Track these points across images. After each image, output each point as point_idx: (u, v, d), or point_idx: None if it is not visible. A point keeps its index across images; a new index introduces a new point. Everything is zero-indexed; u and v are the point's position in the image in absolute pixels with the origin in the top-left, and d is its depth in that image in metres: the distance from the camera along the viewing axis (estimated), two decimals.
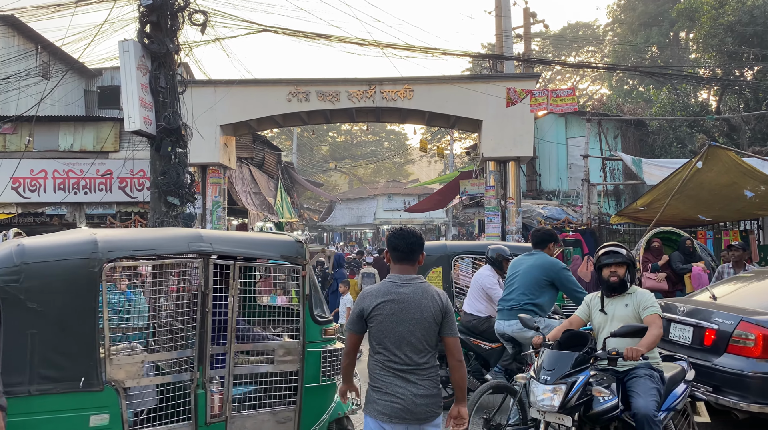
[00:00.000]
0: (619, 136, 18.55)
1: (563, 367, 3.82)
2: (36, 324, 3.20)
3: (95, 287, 3.37)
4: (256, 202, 18.90)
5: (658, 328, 3.94)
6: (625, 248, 4.29)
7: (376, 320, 3.11)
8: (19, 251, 3.25)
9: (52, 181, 14.67)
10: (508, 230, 14.51)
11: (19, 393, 3.10)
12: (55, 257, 3.33)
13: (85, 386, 3.30)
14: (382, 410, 3.07)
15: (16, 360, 3.15)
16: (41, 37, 17.96)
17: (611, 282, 4.16)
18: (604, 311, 4.22)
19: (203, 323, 3.70)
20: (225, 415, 3.76)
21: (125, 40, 10.14)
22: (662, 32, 28.21)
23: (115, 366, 3.42)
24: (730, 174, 9.71)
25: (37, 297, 3.20)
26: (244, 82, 14.71)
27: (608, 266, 4.19)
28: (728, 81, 18.50)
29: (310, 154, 44.63)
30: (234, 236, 4.27)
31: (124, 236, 3.73)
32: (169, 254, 3.74)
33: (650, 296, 4.13)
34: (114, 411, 3.36)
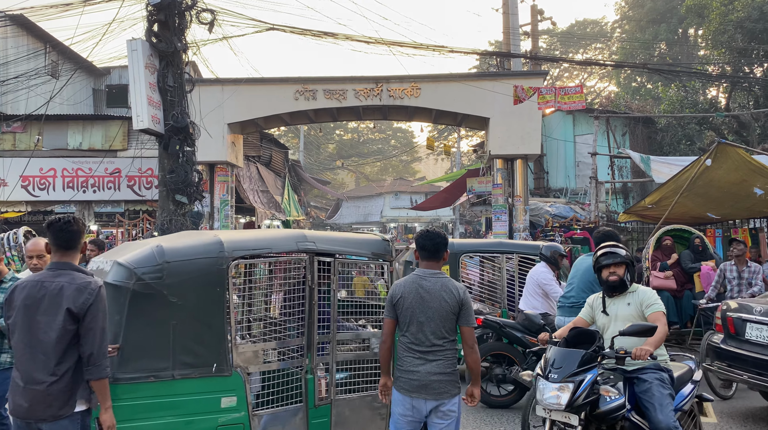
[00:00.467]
0: (627, 134, 18.46)
1: (570, 365, 3.78)
2: (176, 316, 3.57)
3: (223, 283, 3.72)
4: (263, 200, 18.96)
5: (663, 325, 3.92)
6: (624, 247, 4.27)
7: (401, 307, 3.63)
8: (160, 251, 3.60)
9: (61, 179, 14.77)
10: (515, 228, 14.48)
11: (164, 377, 3.50)
12: (190, 256, 3.69)
13: (216, 372, 3.66)
14: (403, 385, 3.59)
15: (161, 348, 3.52)
16: (50, 37, 18.07)
17: (611, 282, 4.14)
18: (606, 312, 4.20)
19: (311, 314, 4.09)
20: (330, 398, 4.12)
21: (133, 39, 10.18)
22: (671, 29, 28.01)
23: (240, 354, 3.80)
24: (740, 172, 9.64)
25: (176, 292, 3.56)
26: (251, 81, 14.74)
27: (607, 267, 4.18)
28: (737, 78, 18.36)
29: (317, 152, 44.69)
30: (333, 236, 4.67)
31: (243, 237, 4.13)
32: (282, 252, 4.14)
33: (652, 293, 4.10)
34: (240, 394, 3.72)
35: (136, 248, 3.82)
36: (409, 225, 43.32)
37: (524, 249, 8.12)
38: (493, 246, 8.54)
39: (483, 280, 8.11)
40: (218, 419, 3.66)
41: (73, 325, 3.05)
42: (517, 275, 7.91)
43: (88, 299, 3.08)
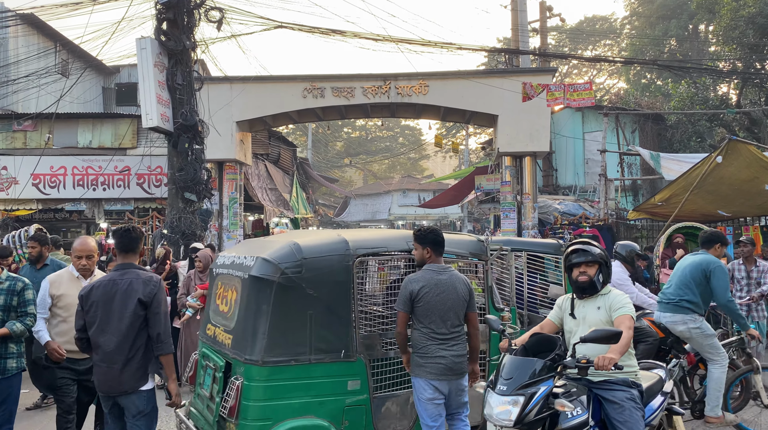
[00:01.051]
0: (636, 131, 18.35)
1: (523, 376, 3.34)
2: (313, 306, 3.98)
3: (349, 277, 4.13)
4: (271, 197, 19.01)
5: (628, 330, 3.52)
6: (597, 245, 3.87)
7: (423, 301, 3.99)
8: (297, 249, 4.03)
9: (71, 177, 14.87)
10: (524, 226, 14.44)
11: (303, 361, 3.92)
12: (322, 253, 4.10)
13: (344, 357, 4.05)
14: (431, 370, 3.97)
15: (301, 335, 3.94)
16: (60, 35, 18.19)
17: (580, 283, 3.76)
18: (574, 315, 3.83)
19: None
20: None
21: (142, 38, 10.24)
22: (681, 25, 27.79)
23: (364, 342, 4.18)
24: (751, 169, 9.56)
25: (312, 285, 3.98)
26: (259, 79, 14.77)
27: (578, 266, 3.79)
28: (749, 74, 18.18)
29: (325, 150, 44.73)
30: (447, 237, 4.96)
31: (365, 237, 4.52)
32: (395, 250, 4.51)
33: (623, 296, 3.74)
34: (363, 378, 4.12)
35: (267, 245, 4.31)
36: (417, 223, 43.27)
37: (534, 247, 8.08)
38: (501, 244, 8.49)
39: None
40: (345, 400, 4.03)
41: (142, 311, 3.74)
42: (526, 273, 7.87)
43: (153, 289, 3.79)
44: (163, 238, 10.67)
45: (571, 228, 13.77)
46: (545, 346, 3.57)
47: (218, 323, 4.39)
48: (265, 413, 3.76)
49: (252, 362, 3.82)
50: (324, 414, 3.92)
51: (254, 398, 3.77)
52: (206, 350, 4.50)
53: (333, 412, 3.96)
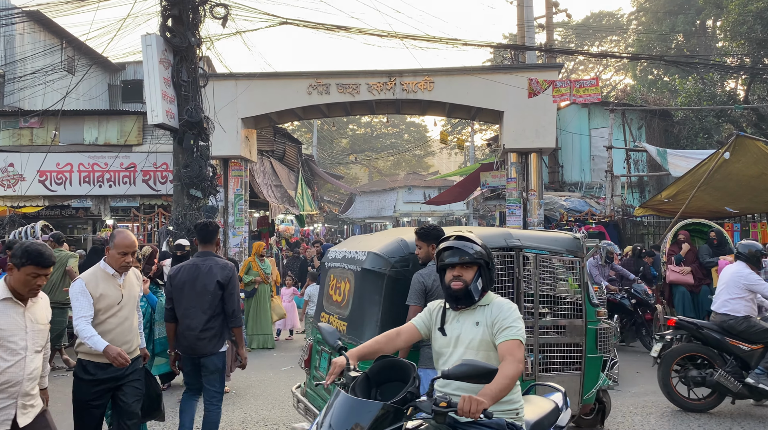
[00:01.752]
0: (643, 127, 18.25)
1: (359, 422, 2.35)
2: None
3: None
4: (277, 194, 19.02)
5: (515, 364, 2.59)
6: (477, 240, 2.96)
7: (436, 295, 3.95)
8: (405, 244, 4.35)
9: (77, 174, 14.92)
10: (529, 223, 14.39)
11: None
12: None
13: None
14: None
15: None
16: (66, 32, 18.23)
17: (453, 290, 2.84)
18: (444, 331, 2.90)
19: (518, 302, 4.62)
20: (534, 375, 4.67)
21: (148, 34, 10.23)
22: (688, 20, 27.59)
23: None
24: (759, 165, 9.50)
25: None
26: (264, 76, 14.76)
27: (451, 268, 2.89)
28: (757, 69, 18.05)
29: (330, 146, 44.73)
30: (533, 234, 5.18)
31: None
32: (493, 247, 4.55)
33: (511, 309, 2.83)
34: None
35: (376, 241, 4.71)
36: (422, 220, 43.23)
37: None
38: None
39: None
40: None
41: (220, 291, 4.57)
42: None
43: (229, 273, 4.62)
44: (168, 234, 10.68)
45: (577, 225, 13.72)
46: (396, 373, 2.57)
47: (332, 312, 4.84)
48: None
49: None
50: None
51: None
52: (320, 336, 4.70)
53: None
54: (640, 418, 6.10)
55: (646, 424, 5.92)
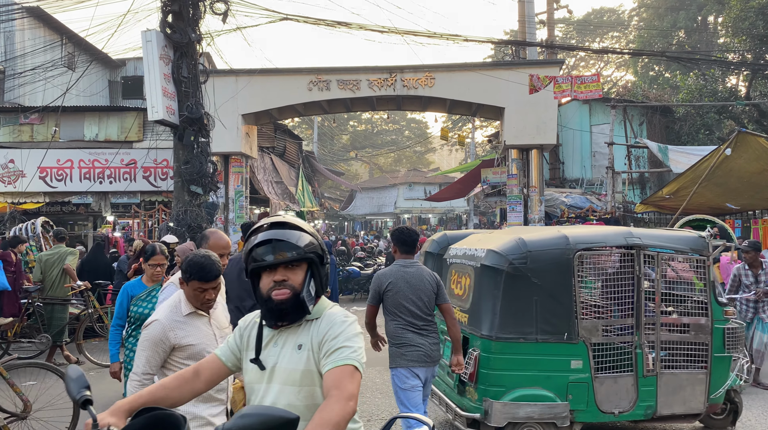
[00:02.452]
0: (644, 123, 18.21)
1: None
2: (537, 293, 4.55)
3: (570, 269, 4.62)
4: (277, 191, 19.01)
5: (341, 403, 1.75)
6: (304, 225, 2.03)
7: (391, 292, 4.28)
8: (522, 243, 4.62)
9: (78, 170, 14.91)
10: (530, 219, 14.38)
11: (530, 339, 4.52)
12: (545, 247, 4.66)
13: (567, 339, 4.57)
14: (411, 358, 4.21)
15: (527, 317, 4.54)
16: (66, 28, 18.19)
17: (277, 301, 1.94)
18: (259, 362, 1.99)
19: (638, 299, 4.79)
20: (656, 371, 4.79)
21: (148, 30, 10.19)
22: (690, 16, 27.52)
23: (584, 327, 4.64)
24: (761, 161, 9.49)
25: (536, 274, 4.55)
26: (265, 72, 14.73)
27: (269, 271, 1.97)
28: (758, 66, 17.99)
29: (330, 143, 44.68)
30: (654, 233, 5.23)
31: (584, 232, 5.00)
32: (613, 245, 4.87)
33: (347, 322, 1.97)
34: (585, 359, 4.60)
35: (494, 239, 4.98)
36: (423, 216, 43.21)
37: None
38: None
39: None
40: (569, 377, 4.55)
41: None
42: None
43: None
44: (169, 231, 10.68)
45: (578, 221, 13.70)
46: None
47: (454, 304, 5.05)
48: (499, 381, 4.47)
49: (487, 337, 4.55)
50: (550, 387, 4.51)
51: (490, 367, 4.51)
52: (443, 326, 5.09)
53: (558, 386, 4.53)
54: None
55: None
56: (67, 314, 8.19)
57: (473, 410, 4.52)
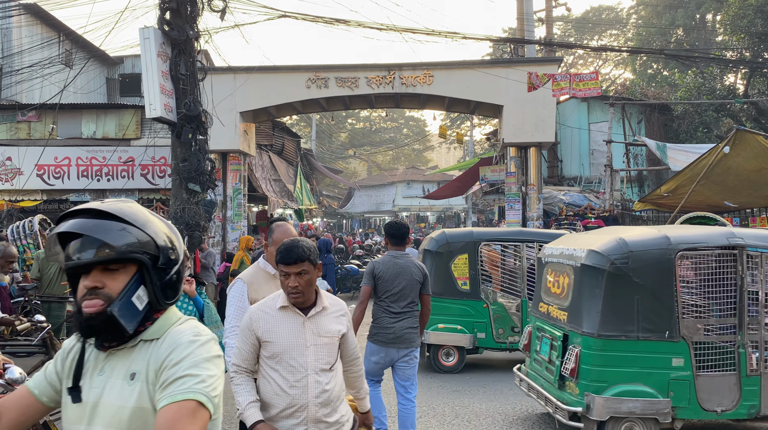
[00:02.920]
0: (642, 121, 18.22)
1: None
2: (639, 292, 4.68)
3: (671, 268, 4.71)
4: (275, 188, 18.98)
5: None
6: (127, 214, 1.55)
7: (383, 279, 4.71)
8: (623, 243, 4.76)
9: (75, 168, 14.87)
10: (529, 217, 14.38)
11: (631, 337, 4.65)
12: (646, 247, 4.77)
13: (668, 337, 4.69)
14: (380, 339, 4.68)
15: (629, 315, 4.67)
16: (63, 25, 18.13)
17: (86, 316, 1.51)
18: (75, 393, 1.54)
19: (741, 299, 4.85)
20: (760, 371, 4.85)
21: (145, 27, 10.16)
22: (688, 14, 27.52)
23: (686, 326, 4.73)
24: (759, 159, 9.49)
25: (638, 274, 4.67)
26: (263, 69, 14.70)
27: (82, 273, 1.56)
28: (757, 64, 18.00)
29: (329, 141, 44.64)
30: (758, 233, 5.25)
31: (684, 233, 5.06)
32: (714, 245, 4.90)
33: (197, 342, 1.52)
34: (686, 357, 4.70)
35: (592, 239, 5.15)
36: (422, 214, 43.23)
37: (546, 238, 8.03)
38: (513, 235, 8.45)
39: (504, 269, 8.00)
40: (670, 374, 4.66)
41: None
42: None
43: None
44: None
45: (577, 219, 13.70)
46: None
47: (550, 302, 5.38)
48: (600, 376, 4.63)
49: (588, 334, 4.71)
50: (651, 383, 4.64)
51: (591, 363, 4.67)
52: (540, 323, 5.52)
53: (659, 383, 4.65)
54: None
55: None
56: (64, 312, 8.17)
57: (575, 403, 4.69)
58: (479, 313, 7.75)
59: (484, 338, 7.73)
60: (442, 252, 7.84)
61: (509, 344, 7.78)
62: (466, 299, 7.78)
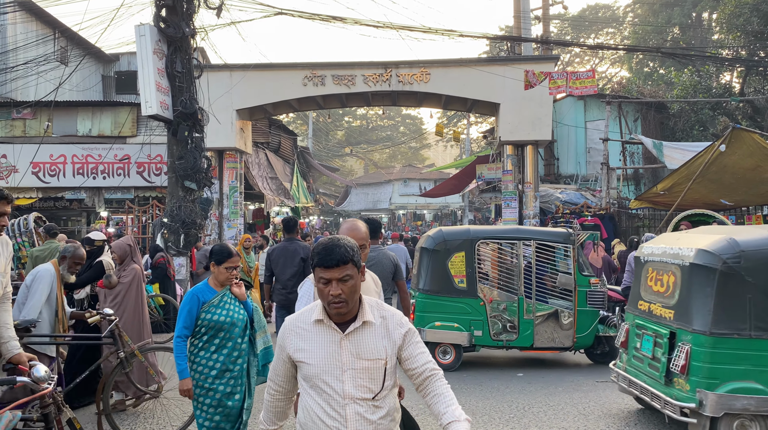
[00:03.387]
0: (639, 120, 18.24)
1: None
2: (751, 291, 4.69)
3: None
4: (272, 186, 18.95)
5: None
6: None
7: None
8: (735, 242, 4.79)
9: (71, 165, 14.82)
10: (525, 215, 14.39)
11: (744, 335, 4.67)
12: (759, 247, 4.81)
13: None
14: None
15: (741, 314, 4.69)
16: (59, 23, 18.05)
17: None
18: None
19: None
20: None
21: (141, 24, 10.12)
22: (684, 12, 27.56)
23: None
24: (755, 157, 9.51)
25: (750, 273, 4.70)
26: (259, 67, 14.66)
27: None
28: (753, 62, 18.04)
29: (325, 139, 44.59)
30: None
31: None
32: None
33: None
34: None
35: (699, 237, 5.18)
36: (418, 212, 43.22)
37: (542, 236, 8.03)
38: (510, 233, 8.46)
39: (501, 267, 8.00)
40: None
41: (303, 264, 6.70)
42: (535, 263, 7.81)
43: (308, 251, 5.89)
44: (163, 226, 10.63)
45: (573, 217, 13.73)
46: None
47: (652, 300, 5.46)
48: (711, 373, 4.66)
49: (700, 333, 4.73)
50: (764, 381, 4.62)
51: (703, 360, 4.69)
52: (640, 321, 5.61)
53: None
54: None
55: None
56: None
57: (686, 400, 4.73)
58: (476, 310, 7.75)
59: (481, 335, 7.73)
60: (439, 250, 7.84)
61: (506, 341, 7.82)
62: (463, 297, 7.77)
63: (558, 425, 5.56)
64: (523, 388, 6.88)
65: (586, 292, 7.72)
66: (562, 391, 6.77)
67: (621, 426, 5.56)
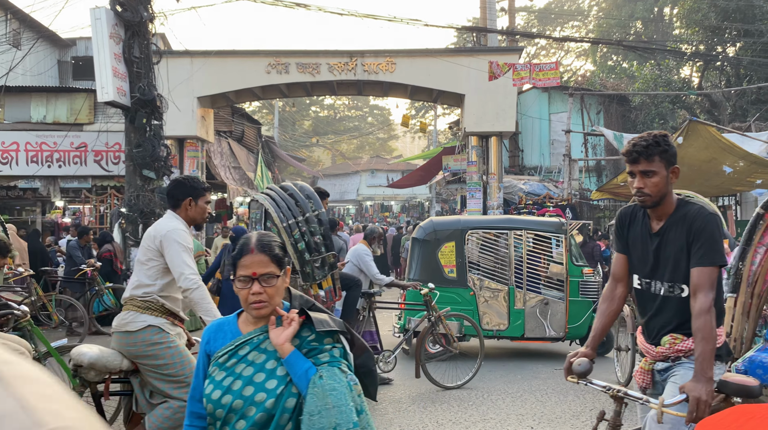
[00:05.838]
0: (601, 112, 18.52)
1: None
2: None
3: None
4: (235, 176, 18.65)
5: None
6: None
7: None
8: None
9: (24, 153, 14.30)
10: (489, 206, 14.49)
11: None
12: None
13: None
14: None
15: None
16: (9, 3, 17.34)
17: None
18: None
19: None
20: None
21: (97, 8, 9.81)
22: (647, 7, 28.05)
23: None
24: (710, 150, 9.73)
25: None
26: (221, 53, 14.37)
27: None
28: (710, 57, 18.47)
29: (292, 128, 44.11)
30: None
31: None
32: None
33: None
34: None
35: None
36: (386, 203, 43.20)
37: (533, 225, 8.05)
38: (501, 222, 8.46)
39: (492, 257, 7.98)
40: None
41: None
42: (525, 253, 7.82)
43: None
44: (120, 216, 10.35)
45: (535, 208, 13.88)
46: None
47: None
48: None
49: None
50: None
51: None
52: None
53: None
54: None
55: None
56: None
57: None
58: (466, 301, 7.68)
59: (471, 325, 7.70)
60: (429, 240, 7.81)
61: (496, 331, 7.79)
62: (453, 287, 7.70)
63: (516, 412, 5.61)
64: (483, 375, 6.93)
65: (578, 282, 7.70)
66: (521, 379, 6.84)
67: (578, 411, 5.64)
